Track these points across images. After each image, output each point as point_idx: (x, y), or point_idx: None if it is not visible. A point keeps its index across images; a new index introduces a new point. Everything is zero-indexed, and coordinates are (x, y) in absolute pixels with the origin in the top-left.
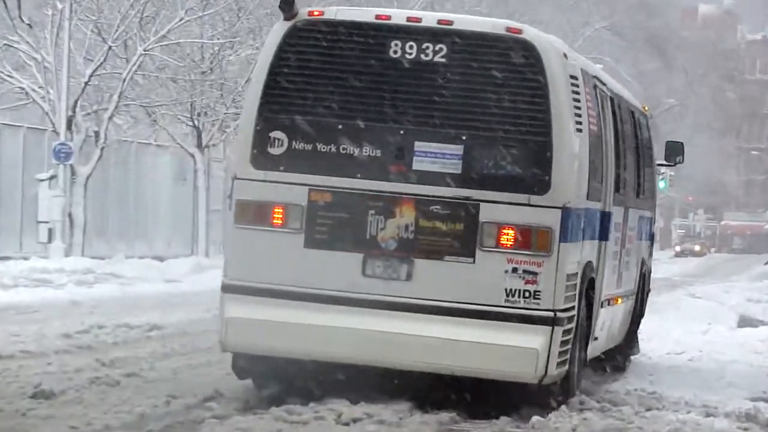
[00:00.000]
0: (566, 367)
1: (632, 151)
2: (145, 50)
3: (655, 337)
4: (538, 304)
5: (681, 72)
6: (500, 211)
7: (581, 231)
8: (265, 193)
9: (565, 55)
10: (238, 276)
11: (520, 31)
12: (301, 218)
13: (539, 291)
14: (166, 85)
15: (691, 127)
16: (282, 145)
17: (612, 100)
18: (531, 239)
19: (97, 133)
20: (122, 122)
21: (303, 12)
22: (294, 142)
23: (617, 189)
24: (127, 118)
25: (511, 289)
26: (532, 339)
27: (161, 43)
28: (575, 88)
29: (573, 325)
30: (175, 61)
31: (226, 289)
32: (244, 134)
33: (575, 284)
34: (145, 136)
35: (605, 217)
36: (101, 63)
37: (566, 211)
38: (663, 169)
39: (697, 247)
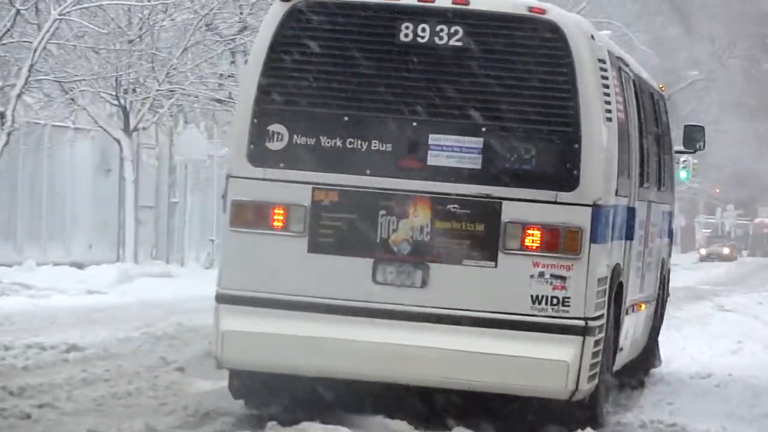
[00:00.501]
0: (596, 381)
1: (653, 139)
2: (60, 14)
3: (676, 358)
4: (568, 311)
5: (706, 40)
6: (525, 209)
7: (611, 230)
8: (264, 192)
9: (592, 37)
10: (235, 285)
11: (544, 11)
12: (304, 220)
13: (569, 297)
14: (85, 56)
15: (718, 106)
16: (282, 139)
17: (634, 83)
18: (559, 240)
19: (2, 114)
20: (33, 101)
21: None
22: (295, 136)
23: (641, 182)
24: (40, 96)
25: (537, 296)
26: (562, 350)
27: (80, 6)
28: (604, 73)
29: (603, 334)
30: (97, 28)
31: (221, 299)
32: (239, 128)
33: (605, 289)
34: (61, 118)
35: (631, 214)
36: (8, 30)
37: (597, 209)
38: (684, 156)
39: (726, 250)
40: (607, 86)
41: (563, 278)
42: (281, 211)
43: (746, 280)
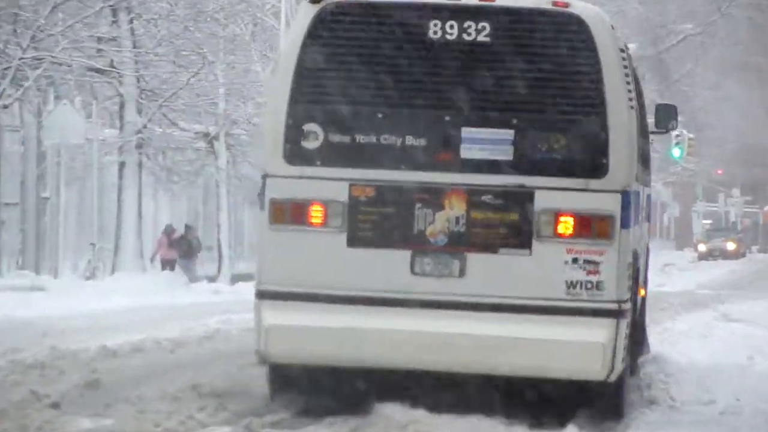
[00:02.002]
0: (626, 363)
1: (640, 121)
2: None
3: (673, 378)
4: (602, 295)
5: None
6: (557, 197)
7: (635, 215)
8: (302, 190)
9: (614, 28)
10: (276, 281)
11: (567, 5)
12: (342, 216)
13: (602, 281)
14: None
15: (718, 67)
16: (317, 138)
17: (631, 62)
18: (591, 227)
19: None
20: None
21: None
22: (330, 135)
23: (642, 165)
24: None
25: (572, 281)
26: (598, 333)
27: None
28: (625, 62)
29: (631, 317)
30: None
31: (263, 295)
32: (273, 128)
33: (630, 273)
34: None
35: (645, 199)
36: None
37: (626, 195)
38: (677, 131)
39: (730, 245)
40: (628, 74)
41: (596, 263)
42: (320, 208)
43: (756, 283)
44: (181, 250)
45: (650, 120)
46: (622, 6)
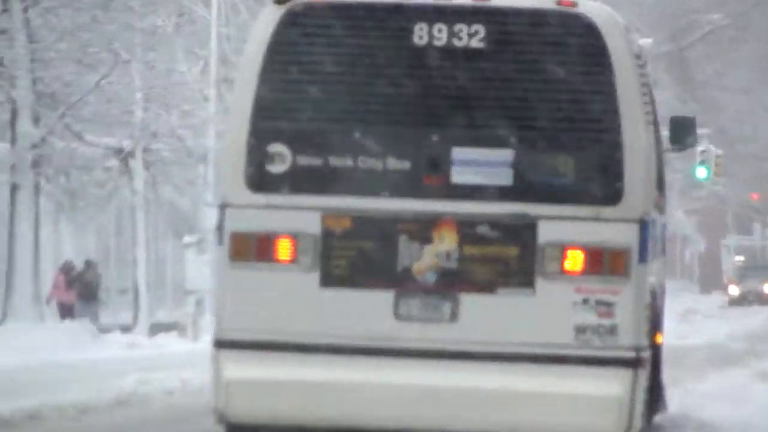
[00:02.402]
0: (645, 420)
1: (655, 136)
2: None
3: None
4: (617, 341)
5: None
6: (564, 228)
7: (653, 248)
8: (267, 221)
9: (628, 31)
10: (238, 327)
11: (574, 4)
12: (313, 251)
13: (617, 325)
14: None
15: (752, 67)
16: (284, 160)
17: (646, 72)
18: (604, 262)
19: None
20: None
21: None
22: (299, 157)
23: (658, 190)
24: None
25: (582, 325)
26: (613, 385)
27: None
28: (642, 71)
29: (650, 367)
30: None
31: (223, 344)
32: (234, 150)
33: (649, 315)
34: None
35: (661, 228)
36: None
37: (643, 225)
38: (702, 146)
39: None
40: (645, 84)
41: (610, 304)
42: (288, 242)
43: None
44: (81, 292)
45: (664, 133)
46: None
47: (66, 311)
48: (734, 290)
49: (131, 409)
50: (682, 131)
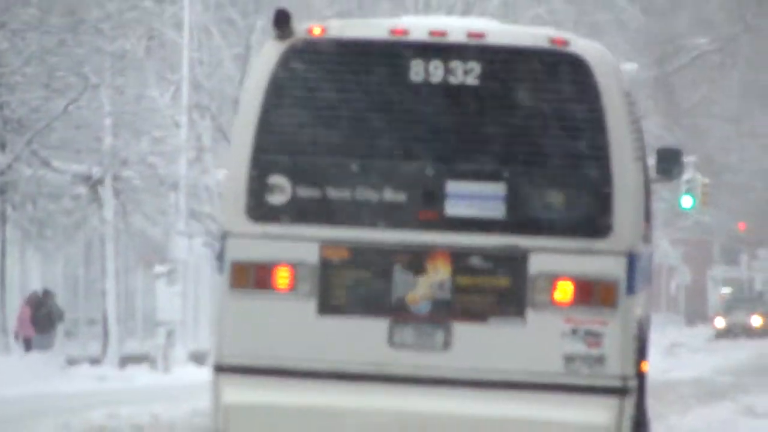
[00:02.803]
0: None
1: (642, 167)
2: None
3: None
4: (605, 371)
5: None
6: (554, 260)
7: (641, 279)
8: (267, 251)
9: (618, 70)
10: (237, 353)
11: (566, 43)
12: (312, 280)
13: (605, 355)
14: None
15: (740, 94)
16: (284, 192)
17: (635, 107)
18: (593, 293)
19: None
20: None
21: (301, 29)
22: (298, 188)
23: (645, 221)
24: None
25: (571, 355)
26: (601, 414)
27: None
28: (631, 108)
29: (637, 395)
30: None
31: (222, 369)
32: (235, 181)
33: (636, 346)
34: None
35: (649, 259)
36: None
37: (632, 258)
38: (688, 174)
39: (756, 320)
40: (633, 121)
41: (599, 335)
42: (287, 271)
43: None
44: (38, 322)
45: (651, 162)
46: (620, 15)
47: (29, 344)
48: (720, 323)
49: None
50: (669, 162)
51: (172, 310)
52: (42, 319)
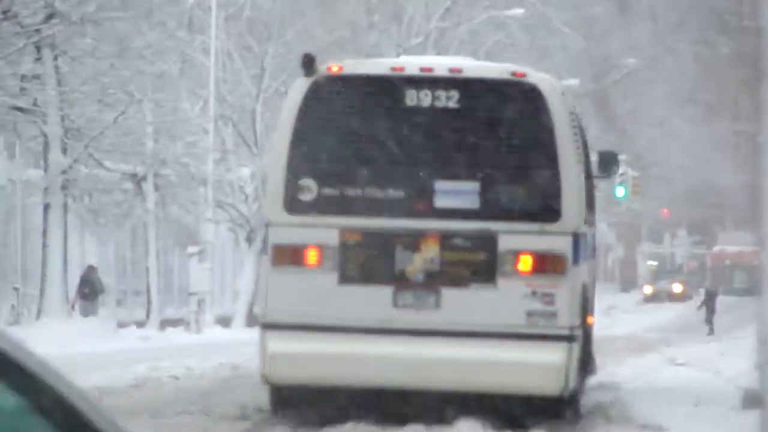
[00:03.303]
0: (579, 380)
1: (585, 166)
2: None
3: (614, 425)
4: (556, 323)
5: (647, 18)
6: (517, 240)
7: (584, 253)
8: (300, 236)
9: (563, 93)
10: (278, 314)
11: (524, 75)
12: (334, 258)
13: (556, 311)
14: None
15: (664, 103)
16: (312, 191)
17: (578, 120)
18: (547, 264)
19: None
20: None
21: (323, 68)
22: (323, 189)
23: (589, 209)
24: None
25: (531, 311)
26: (554, 354)
27: None
28: (574, 122)
29: (581, 341)
30: None
31: (267, 326)
32: (274, 183)
33: (581, 303)
34: None
35: (591, 238)
36: None
37: (576, 237)
38: (621, 169)
39: (677, 287)
40: (576, 133)
41: (551, 295)
42: (314, 251)
43: (703, 326)
44: (81, 291)
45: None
46: (565, 40)
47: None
48: (648, 289)
49: (145, 392)
50: (608, 162)
51: (202, 283)
52: (86, 290)
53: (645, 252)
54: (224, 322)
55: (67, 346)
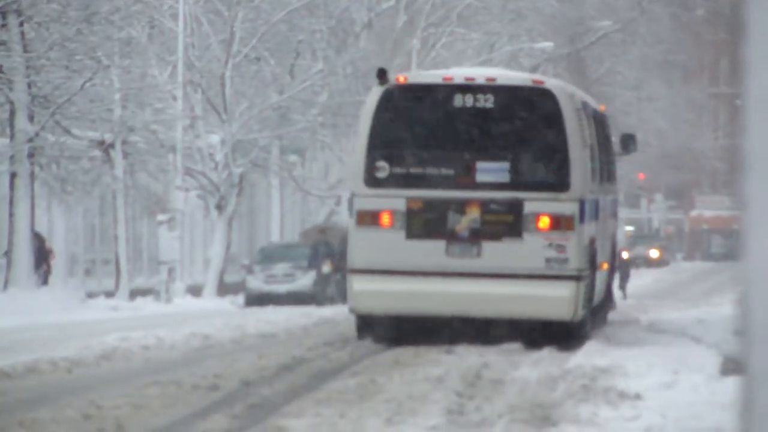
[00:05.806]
0: (585, 310)
1: (602, 149)
2: None
3: (593, 393)
4: (567, 267)
5: None
6: (538, 205)
7: (589, 215)
8: (377, 203)
9: (573, 94)
10: (362, 262)
11: (542, 82)
12: (402, 219)
13: (567, 258)
14: None
15: (639, 66)
16: (385, 170)
17: (594, 115)
18: (560, 223)
19: None
20: None
21: (393, 78)
22: (393, 168)
23: (600, 181)
24: None
25: (549, 258)
26: (566, 290)
27: None
28: (581, 116)
29: (588, 281)
30: None
31: (354, 271)
32: (357, 165)
33: (588, 252)
34: None
35: (598, 203)
36: None
37: (582, 203)
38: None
39: (654, 253)
40: (582, 126)
41: (564, 246)
42: (388, 215)
43: (682, 292)
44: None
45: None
46: (538, 2)
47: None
48: (625, 255)
49: (114, 363)
50: (627, 142)
51: (172, 251)
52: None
53: (622, 217)
54: (195, 291)
55: (35, 317)
